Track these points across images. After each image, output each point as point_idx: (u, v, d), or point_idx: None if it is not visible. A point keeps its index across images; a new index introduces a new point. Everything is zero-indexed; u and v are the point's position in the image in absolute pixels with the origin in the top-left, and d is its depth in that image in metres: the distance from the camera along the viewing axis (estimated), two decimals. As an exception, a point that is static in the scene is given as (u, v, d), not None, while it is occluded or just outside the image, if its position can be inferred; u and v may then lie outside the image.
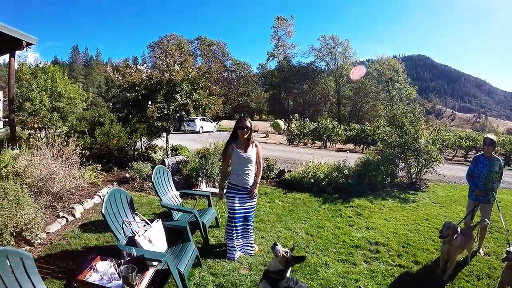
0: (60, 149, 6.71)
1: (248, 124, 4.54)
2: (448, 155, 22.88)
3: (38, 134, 7.28)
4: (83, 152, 7.29)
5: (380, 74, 49.94)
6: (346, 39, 53.28)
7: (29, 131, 10.91)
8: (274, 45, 53.46)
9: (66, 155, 6.69)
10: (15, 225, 4.32)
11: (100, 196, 6.83)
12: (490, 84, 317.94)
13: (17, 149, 7.94)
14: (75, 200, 6.42)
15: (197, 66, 11.57)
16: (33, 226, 4.55)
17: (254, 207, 4.89)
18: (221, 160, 4.94)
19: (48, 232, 4.95)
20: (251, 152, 4.62)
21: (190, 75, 10.29)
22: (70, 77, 13.94)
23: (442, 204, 8.37)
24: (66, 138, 7.31)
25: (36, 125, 10.32)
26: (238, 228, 4.69)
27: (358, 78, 49.18)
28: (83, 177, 6.98)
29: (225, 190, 4.86)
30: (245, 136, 4.56)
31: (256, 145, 4.75)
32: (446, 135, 19.75)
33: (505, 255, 3.63)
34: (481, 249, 5.36)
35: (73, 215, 5.76)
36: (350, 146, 25.77)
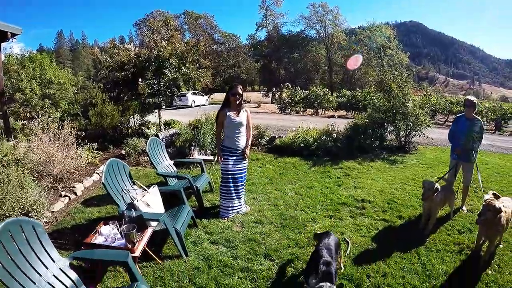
0: (56, 133, 6.82)
1: (240, 91, 4.81)
2: (439, 120, 23.16)
3: (32, 124, 7.36)
4: (79, 133, 7.43)
5: (372, 41, 49.40)
6: (335, 6, 52.00)
7: (22, 121, 10.94)
8: (263, 15, 52.21)
9: (63, 138, 6.82)
10: (21, 207, 4.51)
11: (98, 174, 6.99)
12: (484, 51, 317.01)
13: (13, 140, 8.03)
14: (75, 179, 6.61)
15: (185, 41, 11.55)
16: (38, 207, 4.73)
17: (246, 168, 5.17)
18: (215, 125, 5.13)
19: (53, 211, 5.15)
20: (242, 117, 4.88)
21: (178, 50, 10.33)
22: (57, 63, 13.73)
23: (429, 165, 8.58)
24: (60, 122, 7.41)
25: (29, 115, 10.33)
26: (232, 188, 4.95)
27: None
28: (81, 157, 7.16)
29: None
30: (237, 102, 4.81)
31: (246, 111, 5.02)
32: (435, 100, 19.99)
33: (477, 217, 3.84)
34: (464, 206, 5.59)
35: (75, 193, 5.95)
36: (342, 112, 25.90)
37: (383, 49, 48.27)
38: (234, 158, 4.92)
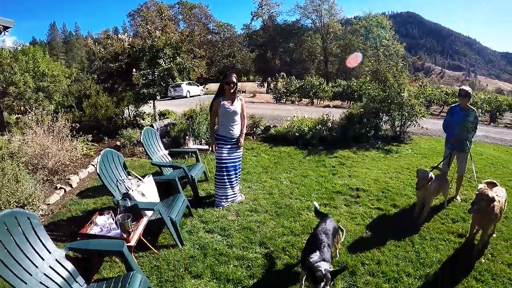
0: (50, 125, 6.79)
1: (234, 80, 4.74)
2: (434, 111, 23.20)
3: (26, 117, 7.33)
4: (73, 125, 7.40)
5: (368, 31, 49.27)
6: (331, -4, 52.00)
7: (16, 115, 10.85)
8: (258, 5, 51.95)
9: (57, 130, 6.78)
10: (17, 200, 4.50)
11: (93, 165, 6.93)
12: (480, 43, 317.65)
13: (7, 134, 7.96)
14: (70, 171, 6.57)
15: (179, 31, 11.50)
16: (34, 200, 4.73)
17: (241, 157, 5.18)
18: (209, 114, 5.12)
19: (49, 203, 5.13)
20: (237, 105, 4.85)
21: (172, 40, 10.27)
22: (50, 55, 13.63)
23: (424, 155, 8.61)
24: (55, 114, 7.35)
25: (23, 108, 10.25)
26: (226, 177, 4.95)
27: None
28: (76, 149, 7.13)
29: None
30: (231, 91, 4.77)
31: (240, 99, 4.99)
32: (431, 91, 20.02)
33: (471, 206, 3.86)
34: (458, 195, 5.62)
35: (70, 185, 5.92)
36: (337, 102, 25.86)
37: (379, 39, 48.14)
38: (229, 147, 4.91)
